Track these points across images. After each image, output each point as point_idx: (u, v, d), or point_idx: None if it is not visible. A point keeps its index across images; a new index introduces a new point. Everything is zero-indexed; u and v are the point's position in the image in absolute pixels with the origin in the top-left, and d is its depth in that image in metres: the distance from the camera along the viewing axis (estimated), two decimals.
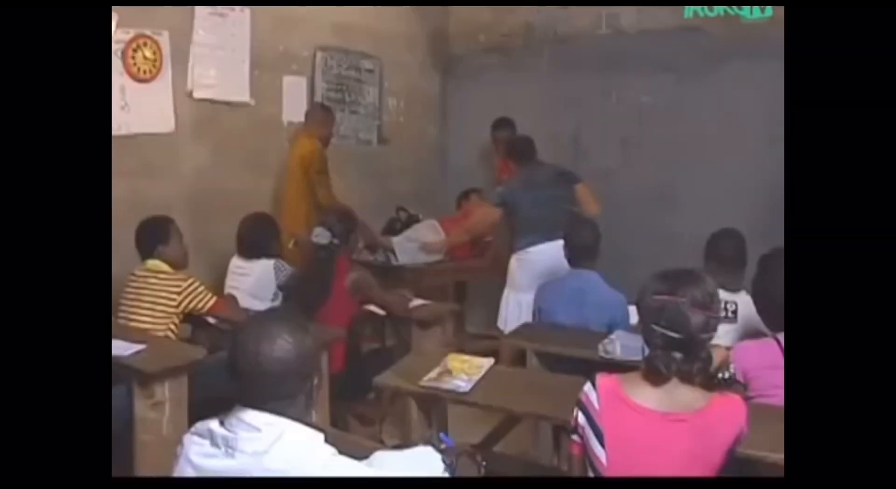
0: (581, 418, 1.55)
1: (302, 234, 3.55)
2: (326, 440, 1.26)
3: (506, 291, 3.67)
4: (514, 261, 3.61)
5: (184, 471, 1.26)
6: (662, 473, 1.44)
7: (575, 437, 1.58)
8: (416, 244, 4.20)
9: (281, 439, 1.20)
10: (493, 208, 3.79)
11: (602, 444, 1.50)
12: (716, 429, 1.45)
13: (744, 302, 2.39)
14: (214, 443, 1.23)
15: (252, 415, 1.22)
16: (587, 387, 1.55)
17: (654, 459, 1.45)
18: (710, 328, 1.49)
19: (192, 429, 1.30)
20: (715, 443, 1.45)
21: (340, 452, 1.26)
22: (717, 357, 1.83)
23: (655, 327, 1.48)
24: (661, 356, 1.47)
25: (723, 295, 2.34)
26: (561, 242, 2.98)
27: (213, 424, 1.25)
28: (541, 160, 3.80)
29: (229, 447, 1.21)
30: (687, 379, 1.47)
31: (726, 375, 1.86)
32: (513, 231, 3.71)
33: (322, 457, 1.22)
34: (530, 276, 3.36)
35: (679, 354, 1.46)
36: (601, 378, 1.55)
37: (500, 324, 3.60)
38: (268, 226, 3.30)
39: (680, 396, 1.47)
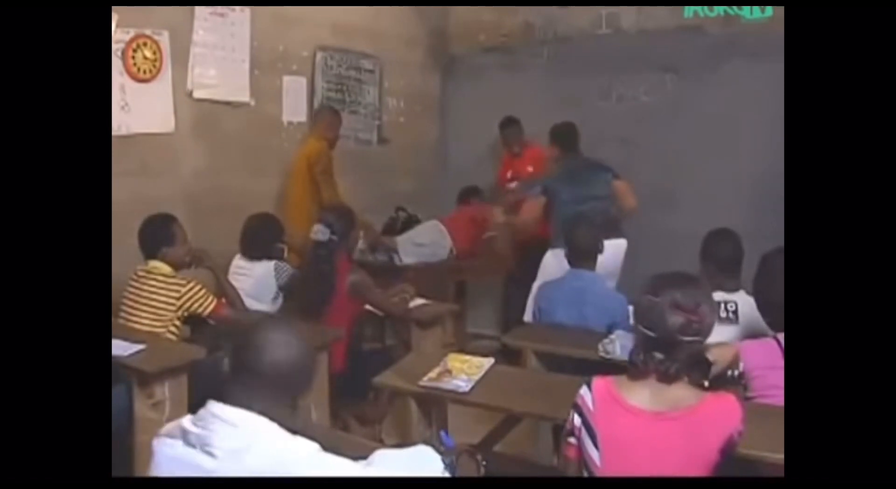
0: (577, 420, 1.56)
1: (301, 236, 3.54)
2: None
3: (536, 283, 3.48)
4: (551, 256, 3.51)
5: (171, 471, 1.22)
6: (655, 473, 1.44)
7: (571, 440, 1.58)
8: (423, 248, 4.21)
9: (259, 435, 1.19)
10: (537, 199, 3.74)
11: (596, 446, 1.51)
12: (707, 427, 1.45)
13: (743, 301, 2.39)
14: (188, 443, 1.20)
15: (228, 411, 1.20)
16: (583, 389, 1.56)
17: (647, 459, 1.45)
18: (692, 331, 1.49)
19: (161, 431, 1.27)
20: (707, 442, 1.45)
21: (340, 452, 1.26)
22: (727, 354, 1.83)
23: (639, 326, 1.52)
24: (639, 354, 1.50)
25: (721, 295, 2.35)
26: (614, 241, 3.00)
27: (185, 423, 1.22)
28: (581, 152, 3.83)
29: (205, 444, 1.18)
30: (665, 379, 1.48)
31: (735, 373, 1.86)
32: (553, 226, 3.66)
33: (305, 451, 1.20)
34: None
35: (659, 355, 1.47)
36: (596, 380, 1.57)
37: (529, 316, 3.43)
38: (272, 226, 3.31)
39: (672, 396, 1.48)
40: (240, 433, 1.18)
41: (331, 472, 1.20)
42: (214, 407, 1.22)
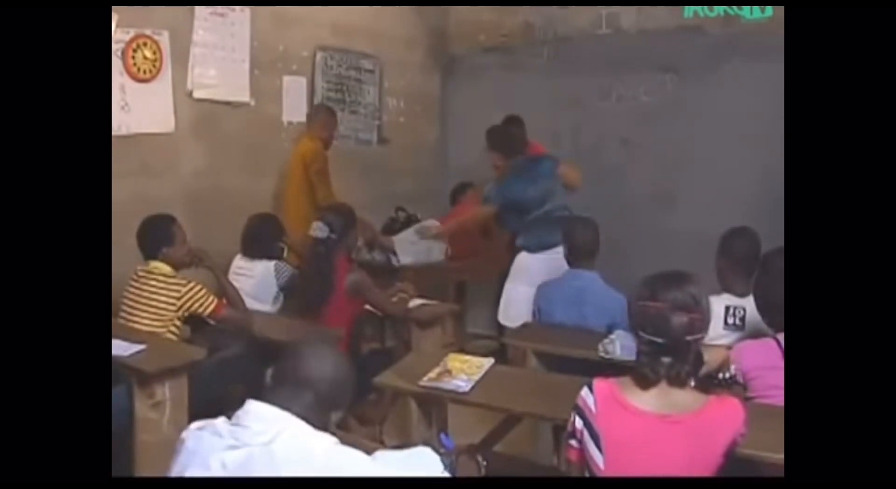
0: (579, 422, 1.55)
1: (298, 236, 3.54)
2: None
3: (511, 285, 3.49)
4: (530, 259, 3.43)
5: (187, 464, 1.26)
6: (659, 475, 1.43)
7: (573, 442, 1.58)
8: (419, 245, 4.20)
9: (287, 429, 1.24)
10: (482, 207, 3.65)
11: (599, 448, 1.50)
12: (712, 431, 1.45)
13: (752, 308, 2.35)
14: (216, 434, 1.26)
15: (262, 407, 1.26)
16: (584, 391, 1.55)
17: (650, 462, 1.45)
18: (696, 330, 1.49)
19: (194, 425, 1.32)
20: (712, 446, 1.45)
21: None
22: (717, 357, 1.83)
23: (641, 334, 1.50)
24: (647, 362, 1.48)
25: (731, 300, 2.34)
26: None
27: (219, 422, 1.28)
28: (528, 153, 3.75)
29: (236, 438, 1.23)
30: (677, 383, 1.47)
31: (727, 375, 1.86)
32: (518, 228, 3.56)
33: (325, 443, 1.25)
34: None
35: (667, 359, 1.46)
36: (598, 382, 1.56)
37: (504, 319, 3.46)
38: (273, 226, 3.32)
39: (676, 399, 1.47)
40: (270, 428, 1.23)
41: (347, 465, 1.25)
42: (251, 404, 1.28)
